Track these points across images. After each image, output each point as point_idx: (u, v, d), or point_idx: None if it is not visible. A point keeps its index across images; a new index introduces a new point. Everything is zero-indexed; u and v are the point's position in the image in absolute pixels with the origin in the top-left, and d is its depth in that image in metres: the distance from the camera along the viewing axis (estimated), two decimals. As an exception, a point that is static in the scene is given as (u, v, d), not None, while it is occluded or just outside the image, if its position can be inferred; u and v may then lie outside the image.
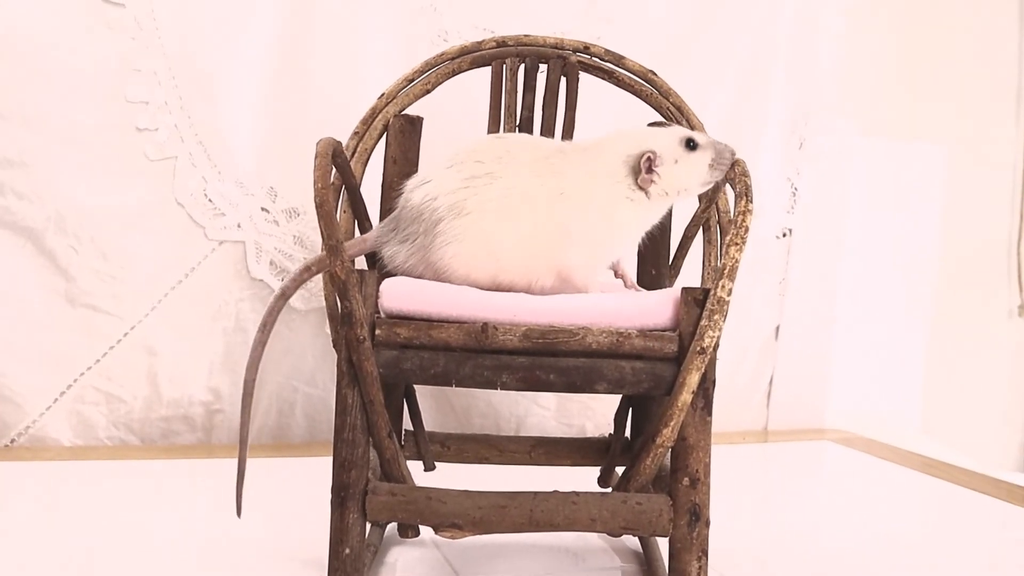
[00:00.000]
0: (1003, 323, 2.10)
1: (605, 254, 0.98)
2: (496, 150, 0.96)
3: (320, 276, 0.97)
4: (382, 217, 1.08)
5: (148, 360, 1.49)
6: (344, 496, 0.86)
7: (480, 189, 0.93)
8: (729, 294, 0.85)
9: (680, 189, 0.96)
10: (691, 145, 0.96)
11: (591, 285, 0.96)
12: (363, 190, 1.04)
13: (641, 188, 0.95)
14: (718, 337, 0.84)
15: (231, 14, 1.48)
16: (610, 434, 1.10)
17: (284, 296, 0.93)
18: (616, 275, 1.04)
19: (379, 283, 0.88)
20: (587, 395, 1.54)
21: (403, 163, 1.08)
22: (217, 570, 0.99)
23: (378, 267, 0.96)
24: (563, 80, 1.11)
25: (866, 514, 1.31)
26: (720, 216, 1.01)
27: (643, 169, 0.94)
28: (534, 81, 1.11)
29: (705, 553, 0.87)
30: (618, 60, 1.11)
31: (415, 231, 0.94)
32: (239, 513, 0.91)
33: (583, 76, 1.12)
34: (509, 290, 0.94)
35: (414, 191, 0.95)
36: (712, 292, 0.85)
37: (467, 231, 0.92)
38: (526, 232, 0.93)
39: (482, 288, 0.94)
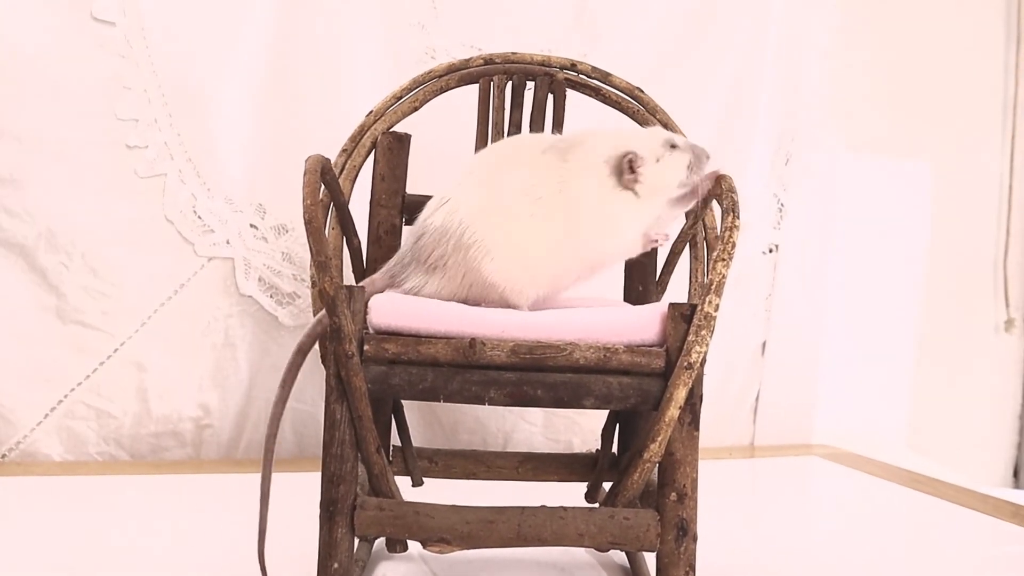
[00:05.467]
0: (990, 338, 2.11)
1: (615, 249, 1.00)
2: (504, 150, 0.99)
3: (309, 292, 0.97)
4: (371, 233, 1.08)
5: (138, 376, 1.49)
6: (332, 511, 0.86)
7: (499, 190, 0.94)
8: (716, 309, 0.85)
9: (660, 188, 0.97)
10: (672, 146, 0.97)
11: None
12: (351, 207, 1.04)
13: (626, 188, 0.96)
14: (705, 352, 0.85)
15: (221, 32, 1.48)
16: (597, 449, 1.10)
17: (301, 352, 0.91)
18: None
19: (368, 299, 0.89)
20: (574, 410, 1.55)
21: (391, 180, 1.09)
22: (206, 586, 0.99)
23: None
24: (550, 97, 1.12)
25: (853, 529, 1.31)
26: (707, 232, 1.02)
27: (626, 170, 0.95)
28: (521, 98, 1.12)
29: (692, 568, 0.88)
30: (605, 77, 1.12)
31: (443, 252, 0.94)
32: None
33: (570, 93, 1.12)
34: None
35: (433, 215, 0.95)
36: (699, 308, 0.85)
37: (500, 239, 0.94)
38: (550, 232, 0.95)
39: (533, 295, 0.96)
